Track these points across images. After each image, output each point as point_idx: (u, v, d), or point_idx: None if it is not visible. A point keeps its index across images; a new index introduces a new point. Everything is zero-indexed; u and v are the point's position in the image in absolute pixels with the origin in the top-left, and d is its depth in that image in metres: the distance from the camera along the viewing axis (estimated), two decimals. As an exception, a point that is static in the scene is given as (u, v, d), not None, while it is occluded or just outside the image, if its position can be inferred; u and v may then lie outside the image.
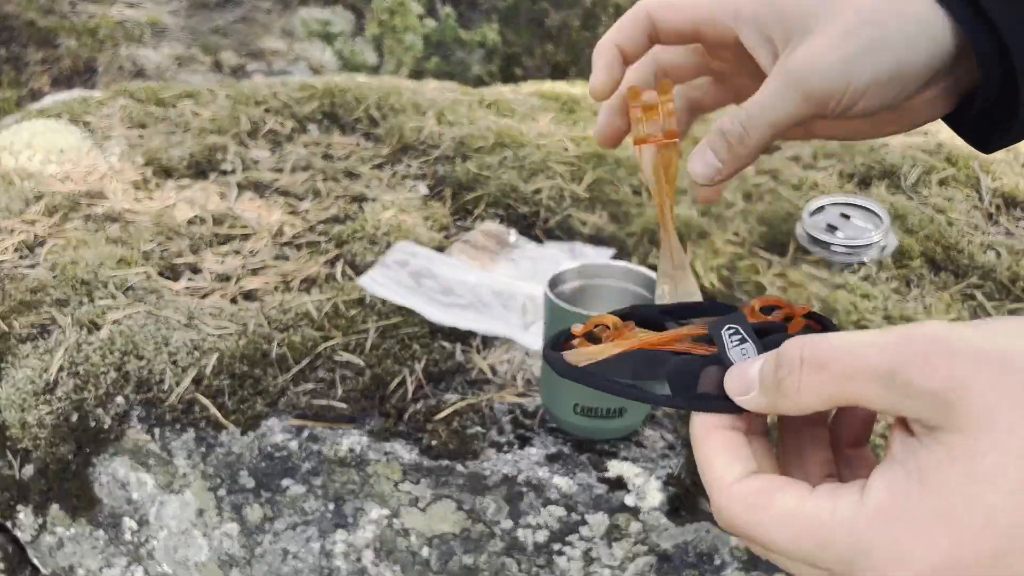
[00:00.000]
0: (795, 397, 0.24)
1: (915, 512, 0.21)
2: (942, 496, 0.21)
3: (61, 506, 0.71)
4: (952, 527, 0.21)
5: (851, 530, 0.22)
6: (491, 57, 3.35)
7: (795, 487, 0.24)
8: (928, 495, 0.21)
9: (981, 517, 0.21)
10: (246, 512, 0.66)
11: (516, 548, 0.62)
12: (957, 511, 0.21)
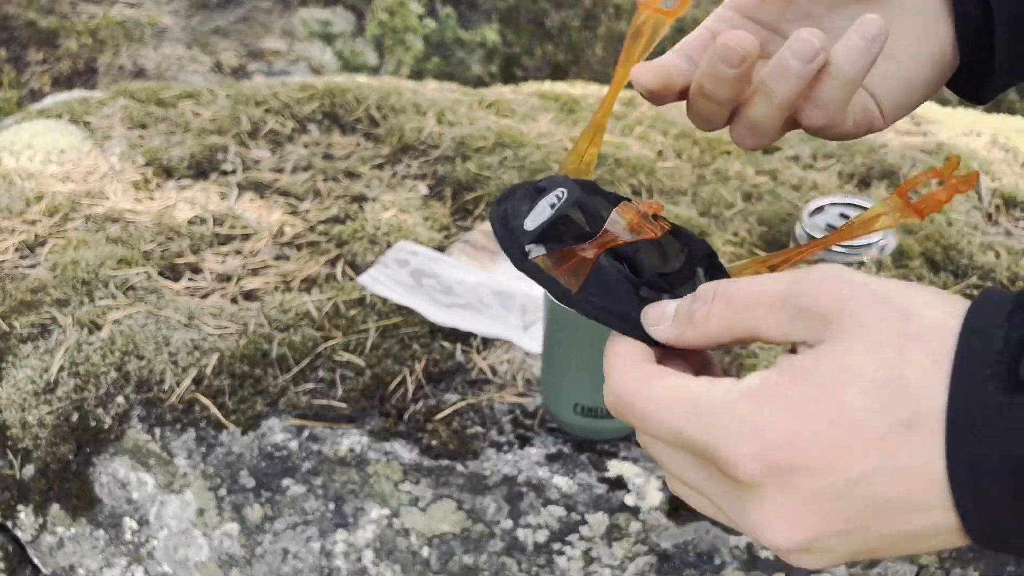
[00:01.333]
0: (702, 326, 0.26)
1: (777, 396, 0.24)
2: (804, 386, 0.23)
3: (61, 506, 0.71)
4: (806, 410, 0.23)
5: (720, 406, 0.24)
6: (491, 57, 3.36)
7: (680, 374, 0.27)
8: (793, 385, 0.24)
9: (834, 405, 0.23)
10: (246, 512, 0.66)
11: (516, 548, 0.62)
12: (813, 398, 0.23)
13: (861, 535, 0.24)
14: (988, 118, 1.30)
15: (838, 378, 0.23)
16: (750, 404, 0.24)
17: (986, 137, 1.18)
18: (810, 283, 0.25)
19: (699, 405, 0.25)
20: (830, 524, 0.24)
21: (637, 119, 1.21)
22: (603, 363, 0.28)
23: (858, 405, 0.23)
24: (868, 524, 0.24)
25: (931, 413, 0.22)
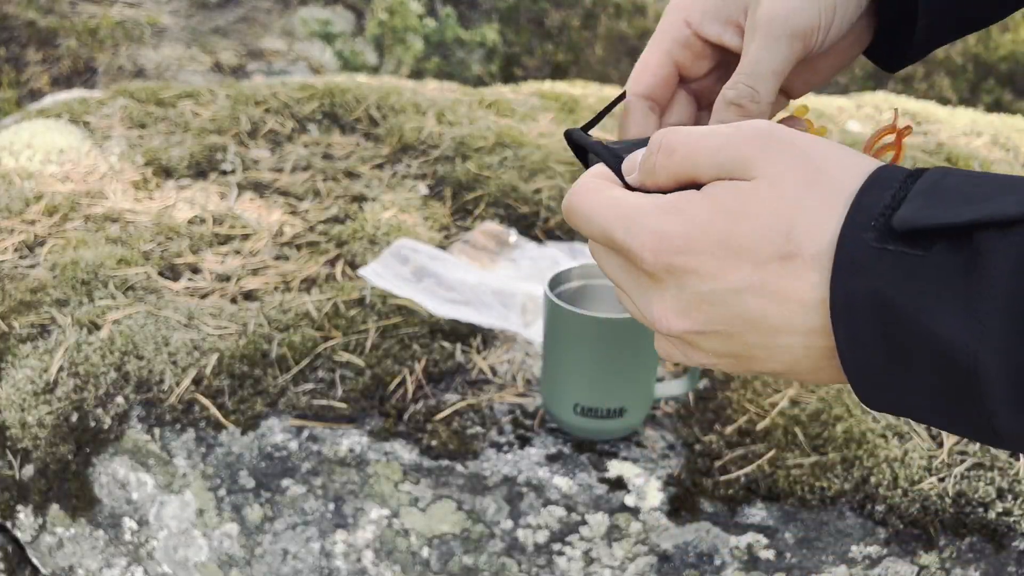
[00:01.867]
0: (653, 176, 0.30)
1: (685, 211, 0.28)
2: (710, 209, 0.28)
3: (61, 506, 0.71)
4: (704, 227, 0.28)
5: (640, 212, 0.29)
6: (491, 57, 3.36)
7: (621, 189, 0.31)
8: (701, 205, 0.28)
9: (727, 228, 0.27)
10: (246, 512, 0.66)
11: (516, 548, 0.62)
12: (712, 219, 0.28)
13: (737, 340, 0.28)
14: (988, 118, 1.30)
15: (738, 209, 0.27)
16: (662, 214, 0.29)
17: (986, 137, 1.18)
18: (742, 135, 0.28)
19: (626, 211, 0.29)
20: (710, 323, 0.28)
21: (637, 119, 1.20)
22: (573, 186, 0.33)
23: (746, 233, 0.27)
24: (743, 332, 0.28)
25: (811, 252, 0.26)
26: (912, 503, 0.60)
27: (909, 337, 0.25)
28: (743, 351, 0.29)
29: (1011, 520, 0.60)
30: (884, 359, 0.26)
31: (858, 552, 0.60)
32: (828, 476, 0.61)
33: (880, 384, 0.27)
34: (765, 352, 0.29)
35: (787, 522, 0.60)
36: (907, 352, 0.25)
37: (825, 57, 0.39)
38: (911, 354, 0.25)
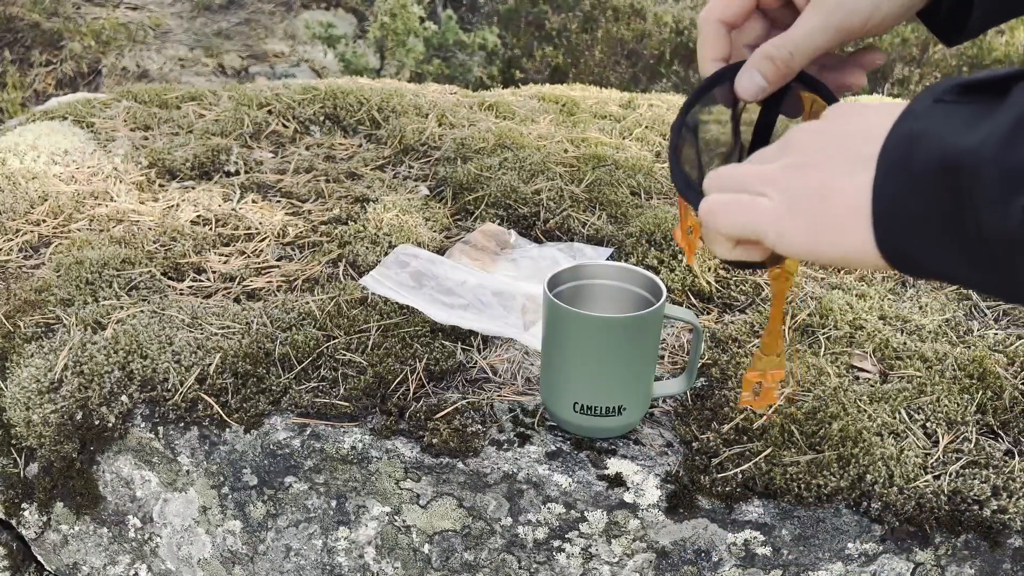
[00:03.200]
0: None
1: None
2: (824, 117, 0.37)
3: (65, 504, 0.72)
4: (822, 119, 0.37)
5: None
6: (491, 60, 3.36)
7: None
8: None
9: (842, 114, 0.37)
10: (249, 509, 0.67)
11: (516, 545, 0.63)
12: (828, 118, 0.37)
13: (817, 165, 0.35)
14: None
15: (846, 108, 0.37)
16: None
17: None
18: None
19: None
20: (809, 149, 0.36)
21: (636, 121, 1.21)
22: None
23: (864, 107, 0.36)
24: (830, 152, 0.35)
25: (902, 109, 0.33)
26: (908, 500, 0.60)
27: (928, 155, 0.30)
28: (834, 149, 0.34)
29: (1006, 518, 0.60)
30: (903, 181, 0.31)
31: (854, 549, 0.61)
32: (824, 474, 0.61)
33: (897, 214, 0.32)
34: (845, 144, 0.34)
35: (784, 519, 0.60)
36: (925, 168, 0.31)
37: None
38: (929, 169, 0.30)
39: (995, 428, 0.67)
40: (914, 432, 0.65)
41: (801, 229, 0.35)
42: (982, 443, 0.65)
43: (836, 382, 0.69)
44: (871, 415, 0.66)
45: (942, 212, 0.30)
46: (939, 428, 0.65)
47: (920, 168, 0.31)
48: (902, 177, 0.31)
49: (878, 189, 0.32)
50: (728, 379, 0.70)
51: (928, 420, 0.66)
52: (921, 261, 0.32)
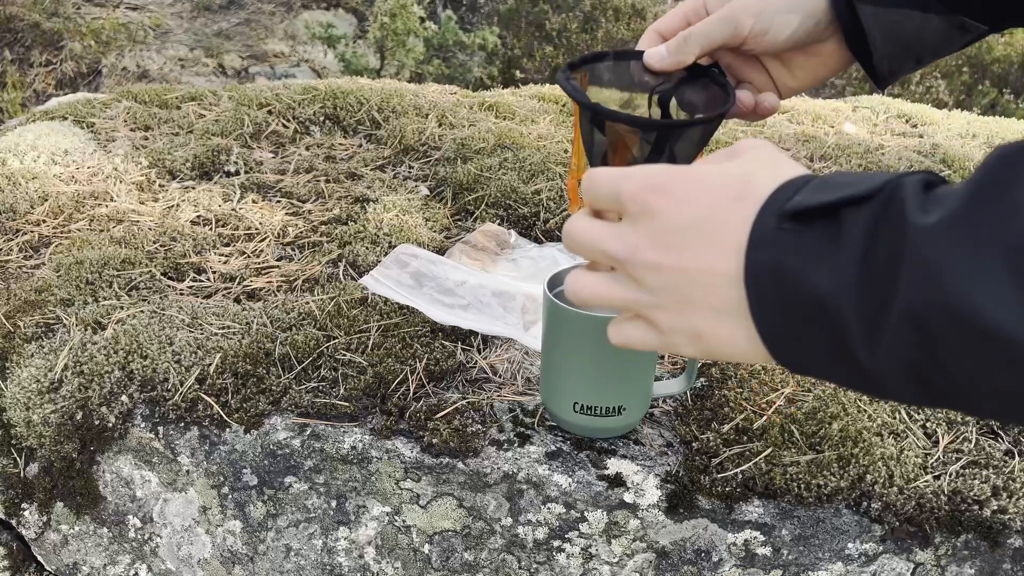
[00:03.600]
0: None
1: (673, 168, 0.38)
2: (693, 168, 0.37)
3: (66, 504, 0.72)
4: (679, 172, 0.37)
5: (637, 167, 0.38)
6: (491, 60, 3.36)
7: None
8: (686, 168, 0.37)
9: (700, 174, 0.36)
10: (249, 509, 0.67)
11: (516, 545, 0.63)
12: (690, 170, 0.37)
13: (682, 280, 0.35)
14: (983, 120, 1.31)
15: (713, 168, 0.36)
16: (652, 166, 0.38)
17: (981, 139, 1.18)
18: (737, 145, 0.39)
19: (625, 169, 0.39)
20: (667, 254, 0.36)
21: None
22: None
23: (716, 175, 0.36)
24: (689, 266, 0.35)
25: (758, 196, 0.34)
26: (908, 501, 0.60)
27: (797, 295, 0.32)
28: (685, 290, 0.36)
29: (1006, 518, 0.60)
30: (784, 318, 0.33)
31: (854, 549, 0.61)
32: (824, 474, 0.61)
33: (785, 343, 0.34)
34: (703, 292, 0.35)
35: (784, 519, 0.60)
36: (797, 308, 0.32)
37: (795, 66, 0.56)
38: (800, 310, 0.32)
39: (995, 428, 0.67)
40: (914, 432, 0.65)
41: (688, 350, 0.38)
42: (982, 443, 0.65)
43: (836, 382, 0.69)
44: (871, 415, 0.66)
45: (827, 342, 0.32)
46: (939, 428, 0.65)
47: (793, 308, 0.32)
48: (782, 318, 0.33)
49: (760, 325, 0.34)
50: (728, 379, 0.70)
51: (928, 420, 0.66)
52: (816, 375, 0.34)
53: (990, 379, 0.28)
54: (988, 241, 0.27)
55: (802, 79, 0.57)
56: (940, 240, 0.28)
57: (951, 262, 0.28)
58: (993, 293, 0.27)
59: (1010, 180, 0.28)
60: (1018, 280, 0.26)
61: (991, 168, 0.29)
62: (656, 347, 0.39)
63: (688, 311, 0.36)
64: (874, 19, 0.52)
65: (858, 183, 0.32)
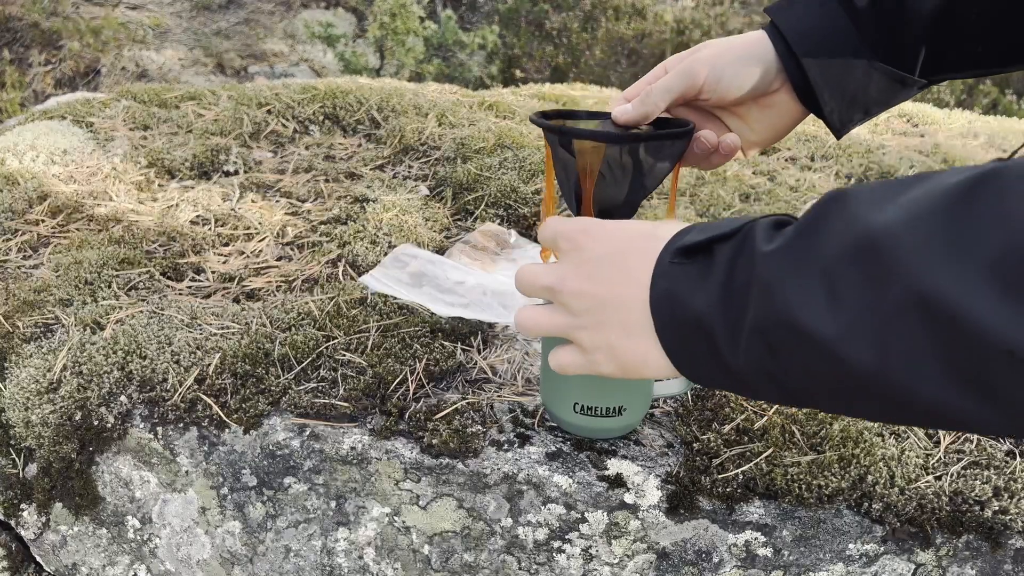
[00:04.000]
0: None
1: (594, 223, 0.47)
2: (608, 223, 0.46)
3: (64, 504, 0.72)
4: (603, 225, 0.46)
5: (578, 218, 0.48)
6: (491, 59, 3.36)
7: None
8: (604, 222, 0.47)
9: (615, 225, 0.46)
10: (248, 510, 0.67)
11: (516, 546, 0.62)
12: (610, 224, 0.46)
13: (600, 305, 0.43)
14: (985, 119, 1.31)
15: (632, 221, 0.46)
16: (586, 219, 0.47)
17: (983, 138, 1.18)
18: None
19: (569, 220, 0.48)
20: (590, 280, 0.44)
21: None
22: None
23: (632, 224, 0.45)
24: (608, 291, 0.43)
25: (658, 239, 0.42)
26: (909, 501, 0.60)
27: (683, 316, 0.39)
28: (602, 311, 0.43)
29: (1007, 518, 0.60)
30: (677, 336, 0.40)
31: (855, 550, 0.60)
32: (825, 474, 0.61)
33: (682, 357, 0.41)
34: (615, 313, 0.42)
35: (784, 520, 0.60)
36: (684, 327, 0.39)
37: (752, 119, 0.60)
38: (686, 328, 0.39)
39: (996, 428, 0.67)
40: (915, 432, 0.65)
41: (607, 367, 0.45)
42: (983, 444, 0.65)
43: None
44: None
45: (708, 353, 0.39)
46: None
47: (682, 326, 0.39)
48: (676, 336, 0.40)
49: (663, 344, 0.41)
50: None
51: (929, 420, 0.66)
52: (709, 384, 0.41)
53: (816, 376, 0.34)
54: (807, 263, 0.34)
55: (761, 132, 0.61)
56: (773, 264, 0.35)
57: (780, 280, 0.34)
58: (808, 302, 0.33)
59: (829, 213, 0.34)
60: (828, 290, 0.33)
61: (818, 206, 0.35)
62: (582, 366, 0.46)
63: (604, 329, 0.43)
64: (820, 73, 0.56)
65: (728, 224, 0.39)
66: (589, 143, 0.54)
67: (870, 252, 0.32)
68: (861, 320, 0.32)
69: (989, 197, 0.29)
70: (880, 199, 0.33)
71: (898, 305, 0.31)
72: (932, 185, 0.32)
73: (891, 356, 0.31)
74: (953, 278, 0.29)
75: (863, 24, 0.56)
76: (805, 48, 0.56)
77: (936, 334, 0.30)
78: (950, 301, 0.29)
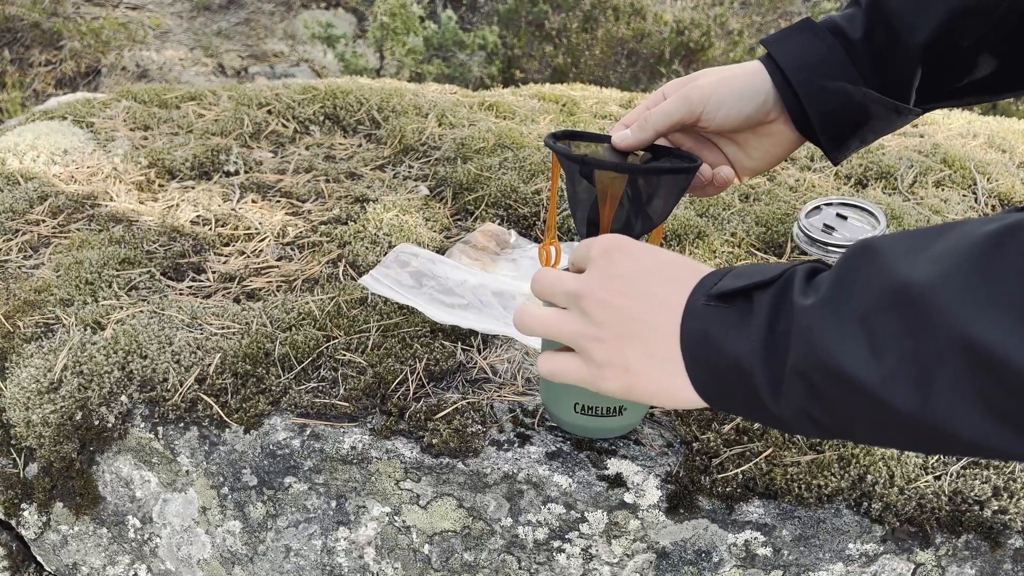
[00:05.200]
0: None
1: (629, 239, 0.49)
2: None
3: (65, 504, 0.72)
4: (639, 245, 0.48)
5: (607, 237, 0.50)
6: (491, 60, 3.36)
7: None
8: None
9: (653, 250, 0.48)
10: (249, 510, 0.67)
11: (516, 545, 0.62)
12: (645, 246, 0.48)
13: (626, 319, 0.45)
14: (984, 120, 1.31)
15: (658, 247, 0.49)
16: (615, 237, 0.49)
17: (982, 138, 1.18)
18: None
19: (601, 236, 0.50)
20: (617, 294, 0.46)
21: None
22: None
23: (662, 250, 0.47)
24: (635, 309, 0.45)
25: (689, 267, 0.45)
26: (908, 501, 0.60)
27: (719, 357, 0.41)
28: (625, 327, 0.44)
29: (1007, 518, 0.60)
30: (712, 375, 0.42)
31: (855, 549, 0.60)
32: (825, 474, 0.61)
33: (715, 394, 0.42)
34: (640, 332, 0.44)
35: (784, 519, 0.60)
36: (720, 368, 0.41)
37: (749, 147, 0.61)
38: (723, 369, 0.41)
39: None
40: (914, 432, 0.65)
41: (612, 385, 0.46)
42: (983, 443, 0.65)
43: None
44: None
45: (745, 393, 0.40)
46: (939, 428, 0.65)
47: (719, 367, 0.41)
48: (710, 375, 0.42)
49: (694, 380, 0.43)
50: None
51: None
52: (743, 417, 0.43)
53: (857, 418, 0.37)
54: (846, 314, 0.36)
55: (758, 159, 0.62)
56: (813, 315, 0.37)
57: (821, 329, 0.37)
58: (850, 350, 0.36)
59: (861, 266, 0.37)
60: (869, 339, 0.35)
61: (849, 258, 0.38)
62: (584, 379, 0.47)
63: (625, 348, 0.44)
64: (815, 103, 0.57)
65: (764, 272, 0.41)
66: (610, 173, 0.56)
67: (908, 303, 0.34)
68: (903, 366, 0.34)
69: (1018, 247, 0.32)
70: (910, 251, 0.35)
71: (940, 352, 0.33)
72: (960, 237, 0.34)
73: (933, 398, 0.34)
74: (992, 325, 0.31)
75: (857, 55, 0.58)
76: (801, 79, 0.58)
77: (977, 377, 0.32)
78: (990, 346, 0.31)
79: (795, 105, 0.59)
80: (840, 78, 0.57)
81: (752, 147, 0.61)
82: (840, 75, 0.57)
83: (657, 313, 0.43)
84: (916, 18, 0.56)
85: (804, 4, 3.82)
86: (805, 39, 0.58)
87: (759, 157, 0.62)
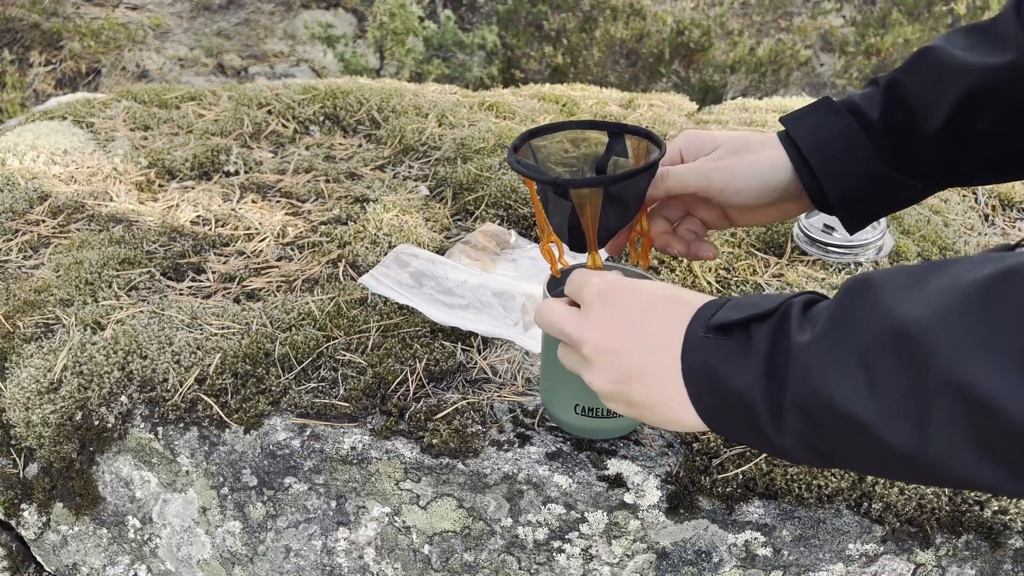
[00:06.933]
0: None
1: (621, 277, 0.50)
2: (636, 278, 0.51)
3: (65, 504, 0.72)
4: (630, 282, 0.49)
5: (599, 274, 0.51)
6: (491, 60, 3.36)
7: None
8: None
9: (644, 284, 0.49)
10: (248, 510, 0.67)
11: (516, 546, 0.62)
12: (639, 282, 0.50)
13: (627, 360, 0.46)
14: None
15: (649, 281, 0.51)
16: (606, 276, 0.50)
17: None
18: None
19: (596, 272, 0.52)
20: (615, 336, 0.47)
21: (636, 121, 1.21)
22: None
23: (653, 284, 0.49)
24: (635, 348, 0.46)
25: (683, 299, 0.46)
26: (909, 501, 0.60)
27: (723, 388, 0.42)
28: (630, 369, 0.46)
29: (1007, 518, 0.60)
30: (715, 404, 0.43)
31: (855, 550, 0.60)
32: (825, 474, 0.61)
33: (719, 422, 0.43)
34: (642, 373, 0.45)
35: (784, 520, 0.60)
36: (723, 399, 0.42)
37: (756, 214, 0.62)
38: (726, 400, 0.42)
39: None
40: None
41: (621, 410, 0.48)
42: (983, 443, 0.65)
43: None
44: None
45: (749, 424, 0.41)
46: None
47: (722, 398, 0.42)
48: (713, 403, 0.43)
49: (699, 409, 0.44)
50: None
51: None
52: (747, 445, 0.44)
53: (856, 451, 0.38)
54: (843, 351, 0.37)
55: (758, 221, 0.64)
56: (811, 352, 0.38)
57: (819, 365, 0.37)
58: (847, 386, 0.36)
59: (857, 302, 0.38)
60: (866, 375, 0.36)
61: (845, 294, 0.39)
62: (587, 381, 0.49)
63: (625, 387, 0.46)
64: (833, 181, 0.58)
65: (761, 304, 0.42)
66: (584, 189, 0.56)
67: (904, 342, 0.35)
68: (901, 403, 0.35)
69: (1012, 293, 0.33)
70: (906, 289, 0.36)
71: (935, 392, 0.34)
72: (955, 278, 0.35)
73: (929, 437, 0.34)
74: (986, 368, 0.32)
75: (874, 135, 0.58)
76: (819, 158, 0.58)
77: (970, 418, 0.33)
78: (983, 389, 0.32)
79: (812, 183, 0.59)
80: (858, 157, 0.58)
81: (760, 216, 0.63)
82: (858, 154, 0.58)
83: (657, 351, 0.44)
84: (933, 98, 0.56)
85: (804, 4, 3.82)
86: (822, 117, 0.59)
87: (762, 220, 0.64)
